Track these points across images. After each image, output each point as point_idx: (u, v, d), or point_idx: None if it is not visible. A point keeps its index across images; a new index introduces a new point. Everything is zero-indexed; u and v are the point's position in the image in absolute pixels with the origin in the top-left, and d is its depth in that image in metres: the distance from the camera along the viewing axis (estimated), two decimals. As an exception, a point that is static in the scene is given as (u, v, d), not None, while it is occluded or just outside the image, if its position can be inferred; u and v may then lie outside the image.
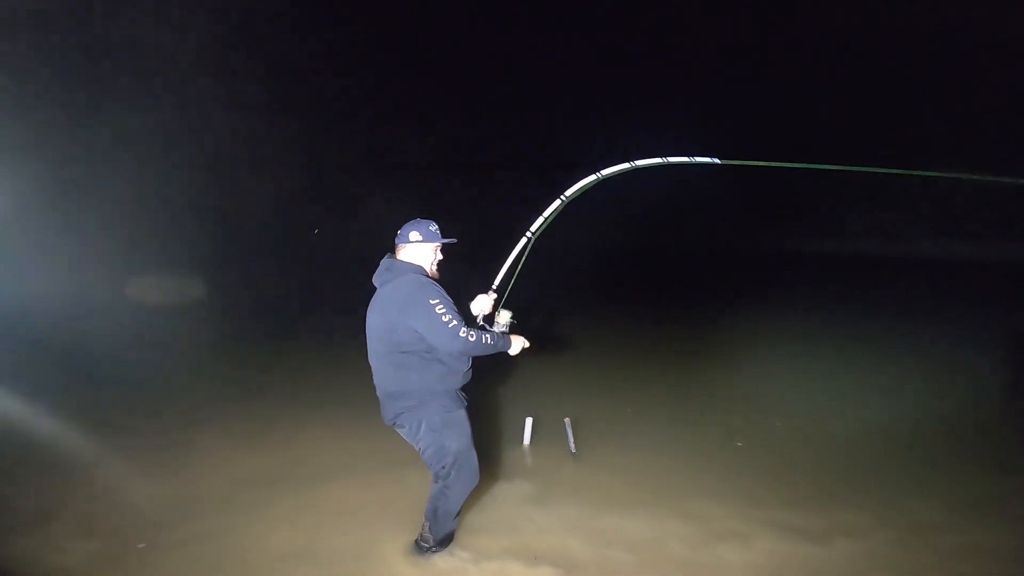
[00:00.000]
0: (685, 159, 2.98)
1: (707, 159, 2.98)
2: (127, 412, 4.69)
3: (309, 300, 10.81)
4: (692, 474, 3.85)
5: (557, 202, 2.97)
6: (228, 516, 3.23)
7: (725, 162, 3.01)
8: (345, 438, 4.27)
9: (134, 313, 8.46)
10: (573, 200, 2.99)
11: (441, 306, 2.48)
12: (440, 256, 2.75)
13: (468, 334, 2.49)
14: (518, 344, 2.75)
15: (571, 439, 4.14)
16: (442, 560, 2.81)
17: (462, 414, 2.69)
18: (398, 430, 2.73)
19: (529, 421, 4.29)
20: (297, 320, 9.15)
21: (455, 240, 2.75)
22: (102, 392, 5.15)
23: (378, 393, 2.72)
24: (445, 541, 2.85)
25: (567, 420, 4.21)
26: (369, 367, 2.72)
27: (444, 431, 2.63)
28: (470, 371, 2.72)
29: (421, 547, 2.84)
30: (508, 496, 3.50)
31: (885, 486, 3.70)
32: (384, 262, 2.70)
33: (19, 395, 4.64)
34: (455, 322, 2.48)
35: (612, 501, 3.44)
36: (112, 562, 2.83)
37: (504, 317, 2.85)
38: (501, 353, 2.71)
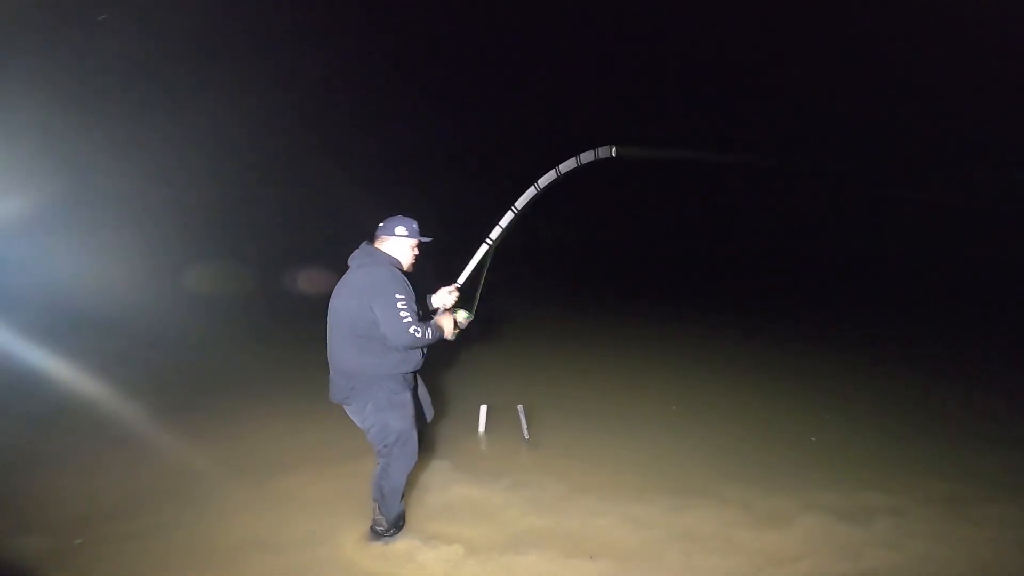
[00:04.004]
0: (573, 162, 3.06)
1: (605, 155, 3.02)
2: (67, 411, 4.52)
3: (265, 293, 10.52)
4: (709, 461, 3.96)
5: (509, 214, 3.18)
6: (179, 509, 3.19)
7: (623, 152, 3.05)
8: (300, 429, 4.26)
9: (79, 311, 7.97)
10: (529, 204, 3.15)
11: (403, 303, 2.66)
12: (417, 252, 2.92)
13: (416, 330, 2.66)
14: (448, 326, 2.90)
15: (524, 426, 4.26)
16: (437, 557, 2.84)
17: (407, 396, 2.85)
18: (345, 407, 2.87)
19: (483, 409, 4.40)
20: (246, 311, 8.88)
21: (431, 239, 2.93)
22: (39, 390, 4.92)
23: (331, 370, 2.83)
24: (397, 522, 2.94)
25: (520, 407, 4.33)
26: (323, 354, 2.82)
27: (390, 411, 2.78)
28: (423, 358, 2.90)
29: (376, 531, 2.90)
30: (479, 482, 3.53)
31: (916, 466, 3.93)
32: (364, 247, 2.84)
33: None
34: (409, 318, 2.66)
35: (624, 488, 3.53)
36: (56, 558, 2.76)
37: (461, 316, 3.02)
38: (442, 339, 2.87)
